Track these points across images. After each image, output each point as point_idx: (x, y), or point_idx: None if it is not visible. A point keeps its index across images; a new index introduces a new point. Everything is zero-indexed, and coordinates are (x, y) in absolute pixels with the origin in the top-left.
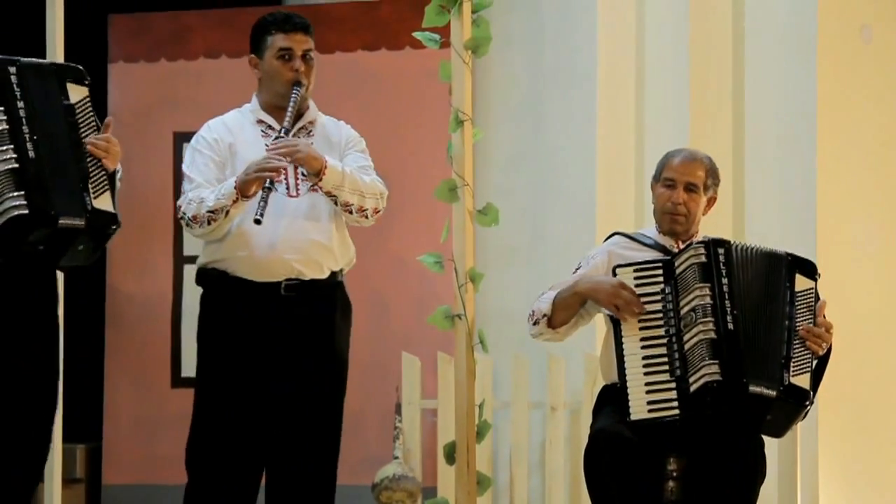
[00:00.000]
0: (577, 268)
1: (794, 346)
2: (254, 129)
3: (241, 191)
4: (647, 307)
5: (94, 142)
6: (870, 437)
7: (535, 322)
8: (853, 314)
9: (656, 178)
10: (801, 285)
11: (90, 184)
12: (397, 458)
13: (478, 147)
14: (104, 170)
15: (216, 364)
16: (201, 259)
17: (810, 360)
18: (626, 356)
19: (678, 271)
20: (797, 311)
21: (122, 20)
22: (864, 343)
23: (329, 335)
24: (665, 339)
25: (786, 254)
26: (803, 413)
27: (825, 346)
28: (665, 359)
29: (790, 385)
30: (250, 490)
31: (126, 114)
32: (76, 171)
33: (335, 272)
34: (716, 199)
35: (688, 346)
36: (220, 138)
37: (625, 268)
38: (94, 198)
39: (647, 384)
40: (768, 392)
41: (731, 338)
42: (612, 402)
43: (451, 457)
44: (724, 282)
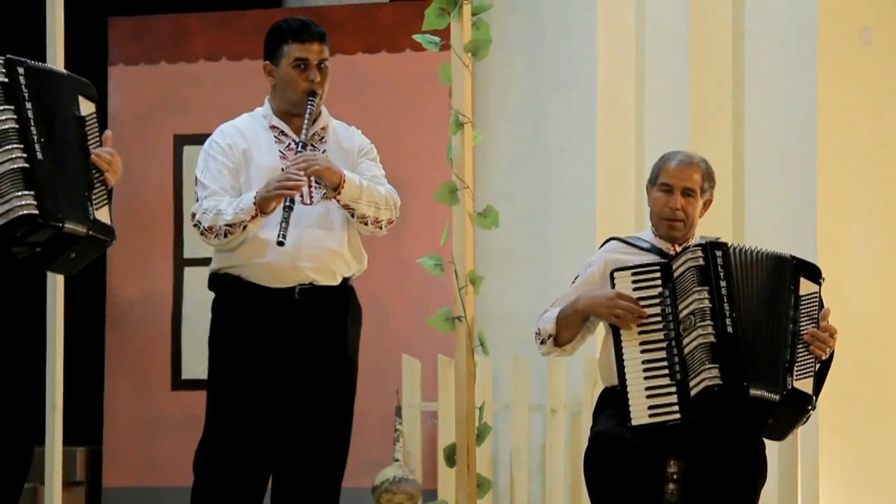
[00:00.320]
0: (575, 277)
1: (797, 350)
2: (267, 134)
3: (261, 207)
4: (645, 311)
5: (99, 154)
6: (870, 439)
7: (542, 342)
8: (853, 315)
9: (652, 182)
10: (805, 289)
11: (93, 194)
12: (397, 460)
13: (478, 149)
14: (105, 184)
15: (230, 368)
16: (214, 264)
17: (813, 365)
18: (625, 361)
19: (676, 274)
20: (801, 315)
21: (123, 23)
22: (864, 344)
23: (341, 339)
24: (664, 343)
25: (790, 257)
26: (805, 417)
27: (828, 351)
28: (665, 363)
29: (793, 389)
30: (257, 493)
31: (126, 116)
32: (82, 179)
33: (346, 278)
34: (711, 201)
35: (687, 349)
36: (234, 144)
37: (622, 271)
38: (96, 209)
39: (648, 388)
40: (769, 396)
41: (730, 341)
42: (612, 404)
43: (451, 459)
44: (722, 285)
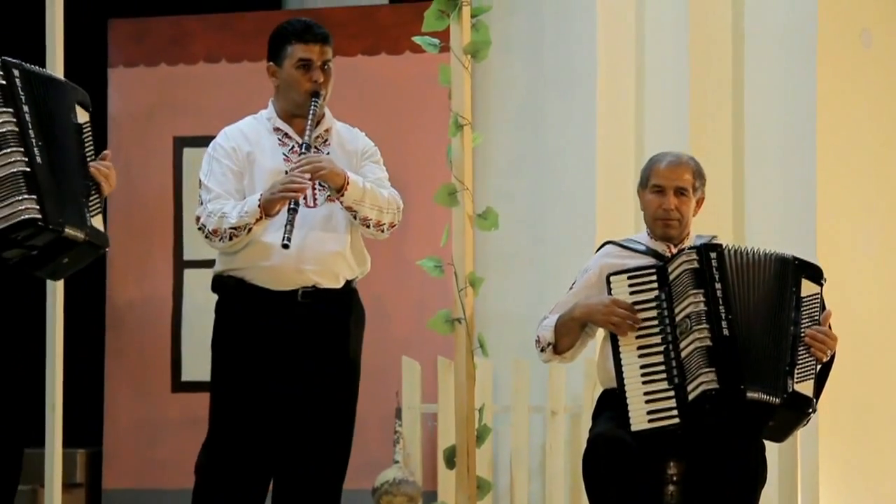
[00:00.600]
0: (573, 283)
1: (798, 352)
2: (271, 136)
3: (266, 209)
4: (642, 314)
5: (98, 165)
6: (870, 440)
7: (542, 350)
8: (853, 315)
9: (643, 185)
10: (806, 290)
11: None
12: (397, 462)
13: (477, 151)
14: (100, 193)
15: (233, 370)
16: (218, 267)
17: (814, 367)
18: (624, 365)
19: (672, 277)
20: (802, 316)
21: (122, 25)
22: (864, 344)
23: (343, 341)
24: (662, 347)
25: (792, 258)
26: (806, 420)
27: (829, 353)
28: (662, 367)
29: (794, 392)
30: (259, 495)
31: (126, 118)
32: (80, 186)
33: (349, 280)
34: (704, 199)
35: (684, 353)
36: (238, 147)
37: (618, 275)
38: (91, 216)
39: (646, 393)
40: (768, 398)
41: (726, 344)
42: (611, 407)
43: (451, 461)
44: (717, 287)
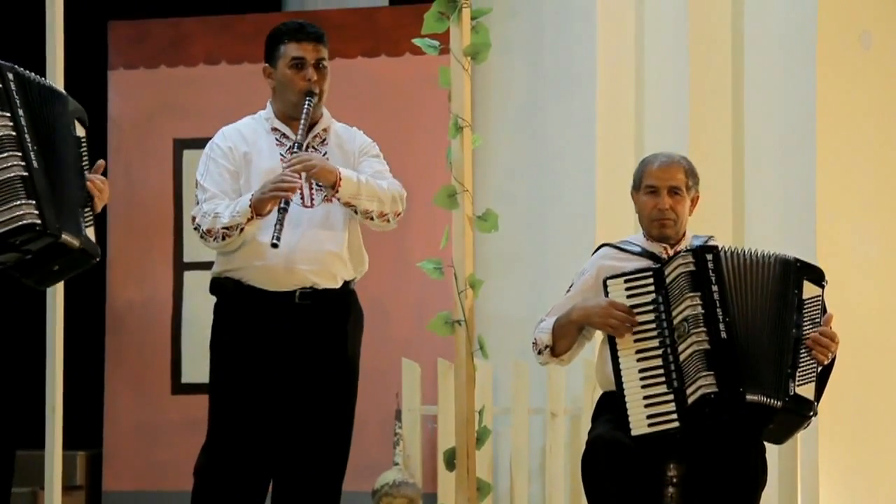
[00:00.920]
0: (570, 286)
1: (799, 354)
2: (268, 137)
3: (256, 209)
4: (640, 318)
5: (93, 178)
6: (870, 442)
7: (540, 352)
8: (853, 316)
9: (636, 187)
10: (807, 292)
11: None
12: (397, 464)
13: (477, 153)
14: (93, 208)
15: (232, 372)
16: (216, 268)
17: (815, 370)
18: (622, 369)
19: (668, 280)
20: (803, 319)
21: (122, 27)
22: (864, 345)
23: (342, 342)
24: (660, 351)
25: (794, 259)
26: (806, 423)
27: (830, 356)
28: (661, 370)
29: (795, 395)
30: (258, 497)
31: (126, 120)
32: (75, 195)
33: (348, 281)
34: (699, 198)
35: (683, 356)
36: (234, 147)
37: (615, 279)
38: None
39: (646, 397)
40: (769, 401)
41: (725, 347)
42: (610, 409)
43: (451, 463)
44: (714, 289)
